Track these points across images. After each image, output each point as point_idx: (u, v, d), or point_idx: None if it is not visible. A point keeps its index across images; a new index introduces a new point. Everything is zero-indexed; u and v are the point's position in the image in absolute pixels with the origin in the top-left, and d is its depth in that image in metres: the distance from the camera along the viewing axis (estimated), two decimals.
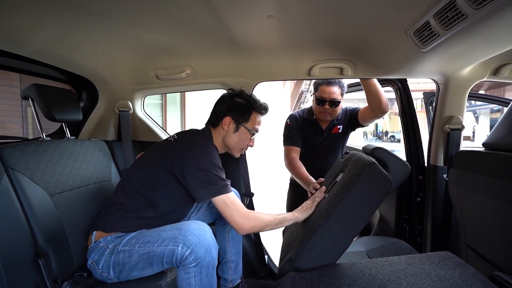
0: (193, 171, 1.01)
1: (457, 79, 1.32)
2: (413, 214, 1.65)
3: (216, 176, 1.02)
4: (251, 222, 1.02)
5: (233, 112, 1.17)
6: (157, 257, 0.94)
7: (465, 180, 1.19)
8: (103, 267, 0.99)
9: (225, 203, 1.02)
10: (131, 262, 0.96)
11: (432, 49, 0.99)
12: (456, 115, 1.38)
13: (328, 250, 0.93)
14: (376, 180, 0.93)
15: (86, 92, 1.58)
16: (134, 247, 0.97)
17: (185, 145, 1.07)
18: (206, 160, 1.03)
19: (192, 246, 0.92)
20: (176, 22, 1.06)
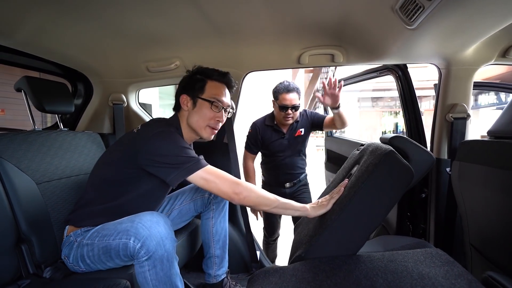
0: (157, 158, 0.96)
1: (460, 62, 1.20)
2: (417, 211, 1.54)
3: (183, 156, 0.96)
4: (244, 191, 0.94)
5: (187, 88, 1.11)
6: (114, 250, 0.91)
7: (468, 173, 1.08)
8: (73, 260, 0.99)
9: (205, 179, 0.95)
10: (94, 255, 0.95)
11: (421, 26, 0.90)
12: (461, 102, 1.26)
13: (341, 248, 0.88)
14: (395, 170, 0.86)
15: (81, 86, 1.62)
16: (95, 241, 0.95)
17: (145, 136, 1.00)
18: (167, 144, 0.97)
19: (143, 239, 0.87)
20: (161, 12, 1.05)
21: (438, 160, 1.36)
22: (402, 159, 0.87)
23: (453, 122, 1.28)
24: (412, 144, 1.02)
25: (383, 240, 1.37)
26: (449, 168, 1.31)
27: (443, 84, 1.29)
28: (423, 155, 1.01)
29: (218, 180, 0.96)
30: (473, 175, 1.05)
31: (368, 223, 0.89)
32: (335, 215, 0.91)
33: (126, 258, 0.92)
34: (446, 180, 1.33)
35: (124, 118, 1.70)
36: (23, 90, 1.28)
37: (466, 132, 1.28)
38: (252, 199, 0.96)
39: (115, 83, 1.61)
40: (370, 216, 0.89)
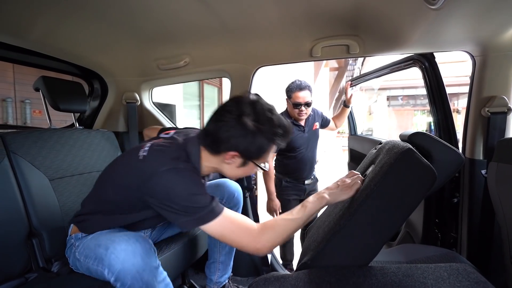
0: (164, 202, 0.81)
1: (499, 47, 1.03)
2: (447, 218, 1.37)
3: (194, 206, 0.80)
4: (267, 240, 0.79)
5: (243, 149, 0.84)
6: (95, 274, 0.87)
7: (508, 176, 0.92)
8: (72, 264, 0.98)
9: (222, 229, 0.80)
10: (84, 271, 0.93)
11: (447, 5, 0.77)
12: (500, 95, 1.09)
13: (351, 258, 0.79)
14: (414, 171, 0.75)
15: (97, 85, 1.66)
16: (80, 259, 0.91)
17: (153, 170, 0.83)
18: (177, 188, 0.81)
19: (117, 273, 0.79)
20: (169, 9, 1.03)
21: (471, 161, 1.19)
22: (422, 158, 0.75)
23: (490, 117, 1.11)
24: (436, 141, 0.89)
25: (406, 249, 1.23)
26: (484, 171, 1.14)
27: (478, 74, 1.13)
28: (449, 154, 0.87)
29: (236, 230, 0.80)
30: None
31: (382, 230, 0.79)
32: (344, 220, 0.82)
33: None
34: (481, 183, 1.17)
35: (138, 116, 1.72)
36: (40, 89, 1.33)
37: (506, 129, 1.11)
38: (280, 241, 0.83)
39: (128, 82, 1.63)
40: (384, 222, 0.78)
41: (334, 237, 0.81)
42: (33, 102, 3.95)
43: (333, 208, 1.05)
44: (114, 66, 1.54)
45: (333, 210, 1.04)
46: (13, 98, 3.73)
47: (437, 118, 1.35)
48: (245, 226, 0.81)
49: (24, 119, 3.82)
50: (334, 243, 0.81)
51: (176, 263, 1.19)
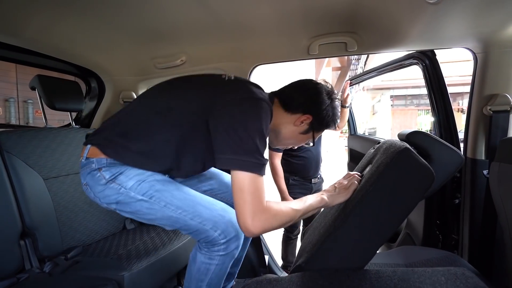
0: (229, 129, 0.76)
1: (501, 43, 1.00)
2: (448, 219, 1.34)
3: (254, 146, 0.75)
4: (263, 223, 0.75)
5: (317, 116, 0.91)
6: (186, 226, 0.86)
7: (510, 177, 0.89)
8: (101, 197, 0.87)
9: (245, 186, 0.74)
10: (149, 216, 0.86)
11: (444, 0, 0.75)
12: (502, 92, 1.06)
13: (346, 261, 0.77)
14: (410, 171, 0.73)
15: (95, 84, 1.65)
16: (159, 204, 0.84)
17: (237, 94, 0.81)
18: (254, 120, 0.76)
19: (229, 239, 0.86)
20: (164, 7, 1.02)
21: (473, 161, 1.16)
22: (419, 158, 0.73)
23: (492, 116, 1.08)
24: (435, 140, 0.86)
25: (405, 251, 1.21)
26: (486, 171, 1.11)
27: (480, 72, 1.09)
28: (448, 153, 0.85)
29: (251, 197, 0.74)
30: None
31: (377, 232, 0.77)
32: (339, 221, 0.80)
33: (190, 235, 0.89)
34: (483, 184, 1.13)
35: None
36: (36, 88, 1.33)
37: (509, 128, 1.07)
38: (273, 228, 0.77)
39: (125, 81, 1.62)
40: (379, 225, 0.76)
41: (328, 239, 0.79)
42: (36, 102, 3.98)
43: (330, 208, 1.03)
44: (111, 65, 1.53)
45: (329, 211, 1.02)
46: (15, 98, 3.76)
47: (438, 117, 1.32)
48: (259, 199, 0.75)
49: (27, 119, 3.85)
50: (328, 245, 0.79)
51: (170, 264, 1.17)
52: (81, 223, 1.27)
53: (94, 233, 1.32)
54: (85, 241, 1.27)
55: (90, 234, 1.30)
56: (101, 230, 1.36)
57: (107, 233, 1.38)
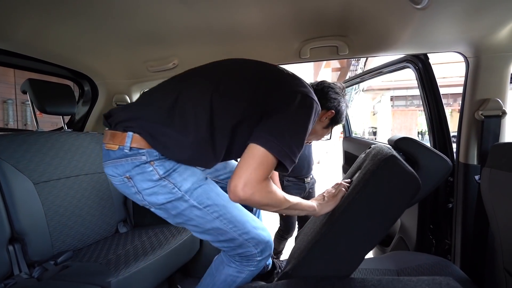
0: (281, 115, 0.75)
1: (492, 48, 0.99)
2: (441, 224, 1.33)
3: (296, 141, 0.75)
4: (254, 193, 0.70)
5: (338, 112, 1.02)
6: (230, 241, 0.86)
7: (501, 183, 0.89)
8: (147, 194, 0.80)
9: (258, 156, 0.71)
10: (193, 223, 0.83)
11: (432, 4, 0.74)
12: (494, 97, 1.05)
13: (332, 268, 0.77)
14: (396, 179, 0.73)
15: (88, 87, 1.65)
16: (212, 215, 0.82)
17: (295, 84, 0.81)
18: (306, 119, 0.77)
19: (265, 257, 0.91)
20: (155, 11, 1.01)
21: (465, 166, 1.15)
22: (405, 165, 0.72)
23: (484, 121, 1.07)
24: (422, 147, 0.86)
25: (397, 256, 1.20)
26: (478, 176, 1.10)
27: (472, 76, 1.08)
28: (435, 160, 0.84)
29: (256, 167, 0.71)
30: (507, 186, 0.85)
31: (363, 240, 0.76)
32: (325, 228, 0.79)
33: (226, 247, 0.91)
34: (475, 189, 1.12)
35: None
36: (27, 92, 1.33)
37: (500, 133, 1.06)
38: (256, 203, 0.73)
39: (118, 84, 1.62)
40: (366, 232, 0.76)
41: (315, 247, 0.79)
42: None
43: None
44: (103, 68, 1.53)
45: (319, 217, 1.01)
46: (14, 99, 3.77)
47: (431, 120, 1.31)
48: (263, 173, 0.72)
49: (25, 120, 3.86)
50: (314, 252, 0.78)
51: (160, 269, 1.17)
52: (72, 227, 1.26)
53: (85, 237, 1.32)
54: (76, 245, 1.27)
55: (82, 239, 1.30)
56: (93, 234, 1.36)
57: (99, 237, 1.38)
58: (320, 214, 0.87)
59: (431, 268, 1.04)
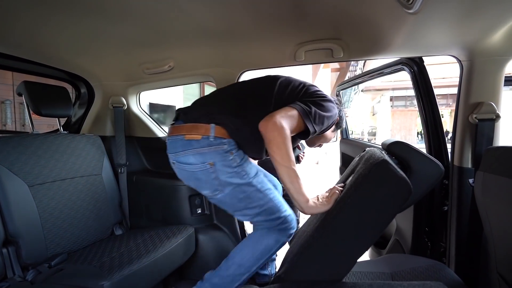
0: (317, 97, 1.01)
1: (486, 52, 0.99)
2: (436, 227, 1.33)
3: (321, 118, 0.96)
4: (279, 129, 0.86)
5: (340, 118, 1.24)
6: (277, 213, 1.03)
7: (493, 187, 0.89)
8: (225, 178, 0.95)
9: (288, 111, 0.91)
10: (254, 204, 1.00)
11: (423, 9, 0.74)
12: (487, 101, 1.05)
13: (324, 273, 0.77)
14: (388, 183, 0.74)
15: (84, 90, 1.65)
16: (269, 196, 1.01)
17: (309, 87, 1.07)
18: (327, 103, 1.01)
19: (293, 230, 1.07)
20: (150, 14, 1.02)
21: (459, 169, 1.15)
22: (396, 170, 0.72)
23: (477, 124, 1.07)
24: (414, 151, 0.86)
25: (392, 259, 1.20)
26: (472, 179, 1.10)
27: (466, 80, 1.09)
28: (427, 165, 0.84)
29: (286, 117, 0.90)
30: (500, 190, 0.85)
31: (356, 244, 0.76)
32: (318, 232, 0.80)
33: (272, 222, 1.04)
34: (469, 193, 1.12)
35: (125, 120, 1.71)
36: (23, 94, 1.33)
37: (494, 136, 1.07)
38: (277, 143, 0.86)
39: (114, 86, 1.62)
40: (358, 236, 0.76)
41: (307, 251, 0.79)
42: None
43: (314, 217, 1.02)
44: (100, 70, 1.53)
45: (312, 220, 1.02)
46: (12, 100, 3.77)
47: (426, 123, 1.31)
48: (288, 124, 0.89)
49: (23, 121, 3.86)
50: (307, 256, 0.79)
51: (155, 272, 1.17)
52: (67, 229, 1.27)
53: (80, 240, 1.32)
54: (71, 247, 1.27)
55: (77, 241, 1.30)
56: (88, 236, 1.36)
57: (94, 239, 1.38)
58: (309, 212, 0.89)
59: (425, 271, 1.04)
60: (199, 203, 1.59)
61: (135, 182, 1.66)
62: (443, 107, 12.16)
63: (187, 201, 1.56)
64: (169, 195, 1.58)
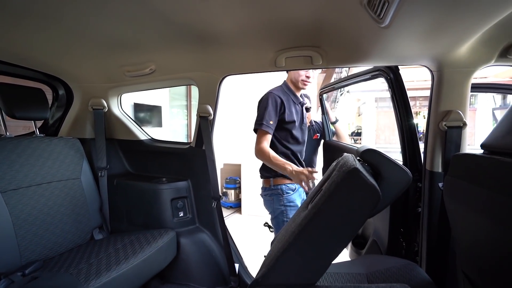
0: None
1: (453, 64, 1.05)
2: (411, 228, 1.39)
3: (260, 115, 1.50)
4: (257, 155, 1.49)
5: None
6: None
7: (459, 191, 0.94)
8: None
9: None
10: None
11: (393, 24, 0.78)
12: (455, 109, 1.11)
13: (299, 276, 0.80)
14: (358, 191, 0.76)
15: (62, 91, 1.61)
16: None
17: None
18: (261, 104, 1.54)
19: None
20: (129, 16, 1.00)
21: (431, 173, 1.21)
22: (366, 178, 0.76)
23: (447, 131, 1.13)
24: (384, 159, 0.90)
25: (369, 260, 1.25)
26: (442, 183, 1.16)
27: (436, 89, 1.14)
28: (397, 172, 0.88)
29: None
30: (464, 195, 0.90)
31: (328, 249, 0.79)
32: (293, 237, 0.82)
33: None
34: (439, 196, 1.18)
35: (107, 123, 1.68)
36: None
37: (462, 143, 1.13)
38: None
39: (94, 88, 1.59)
40: (331, 241, 0.79)
41: (283, 255, 0.81)
42: None
43: (292, 222, 1.05)
44: (79, 72, 1.49)
45: (290, 225, 1.04)
46: None
47: (402, 129, 1.36)
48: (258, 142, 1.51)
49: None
50: (282, 261, 0.81)
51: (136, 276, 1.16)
52: (42, 236, 1.24)
53: (57, 246, 1.29)
54: (47, 254, 1.24)
55: (53, 247, 1.27)
56: (66, 242, 1.33)
57: (72, 245, 1.35)
58: (285, 172, 1.39)
59: (398, 271, 1.09)
60: (181, 206, 1.59)
61: (116, 185, 1.64)
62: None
63: (169, 204, 1.56)
64: (150, 199, 1.56)
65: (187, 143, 1.61)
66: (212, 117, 1.46)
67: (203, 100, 1.47)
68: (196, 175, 1.59)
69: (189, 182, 1.62)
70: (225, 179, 4.36)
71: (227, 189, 4.27)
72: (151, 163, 1.74)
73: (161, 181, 1.60)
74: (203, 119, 1.46)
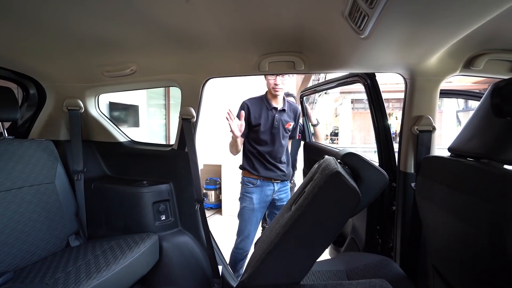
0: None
1: (424, 73, 1.14)
2: (386, 225, 1.48)
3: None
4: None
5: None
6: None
7: (428, 191, 1.02)
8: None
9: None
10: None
11: (372, 35, 0.83)
12: (426, 114, 1.20)
13: (284, 276, 0.83)
14: (340, 193, 0.81)
15: (34, 91, 1.52)
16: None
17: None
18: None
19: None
20: (110, 15, 0.96)
21: (404, 174, 1.30)
22: (348, 181, 0.80)
23: (418, 135, 1.21)
24: (364, 162, 0.95)
25: (348, 257, 1.31)
26: (414, 183, 1.25)
27: (409, 95, 1.23)
28: (374, 174, 0.94)
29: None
30: (433, 194, 0.98)
31: (312, 249, 0.83)
32: (278, 238, 0.85)
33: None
34: (412, 195, 1.27)
35: (83, 124, 1.61)
36: None
37: (431, 146, 1.22)
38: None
39: (69, 88, 1.51)
40: (314, 241, 0.82)
41: (268, 256, 0.83)
42: None
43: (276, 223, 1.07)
44: (52, 70, 1.41)
45: (274, 226, 1.07)
46: None
47: (377, 130, 1.45)
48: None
49: None
50: (268, 262, 0.83)
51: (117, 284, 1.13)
52: (13, 245, 1.16)
53: (30, 255, 1.22)
54: (18, 264, 1.17)
55: (25, 256, 1.20)
56: (39, 250, 1.26)
57: (46, 253, 1.29)
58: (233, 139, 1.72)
59: (375, 267, 1.16)
60: (163, 209, 1.57)
61: (93, 189, 1.57)
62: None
63: (151, 208, 1.53)
64: (131, 202, 1.52)
65: (169, 145, 1.59)
66: (195, 119, 1.45)
67: (186, 102, 1.45)
68: (178, 177, 1.58)
69: (171, 185, 1.59)
70: (205, 180, 4.32)
71: (207, 190, 4.24)
72: (131, 166, 1.69)
73: (142, 184, 1.57)
74: (185, 121, 1.44)
